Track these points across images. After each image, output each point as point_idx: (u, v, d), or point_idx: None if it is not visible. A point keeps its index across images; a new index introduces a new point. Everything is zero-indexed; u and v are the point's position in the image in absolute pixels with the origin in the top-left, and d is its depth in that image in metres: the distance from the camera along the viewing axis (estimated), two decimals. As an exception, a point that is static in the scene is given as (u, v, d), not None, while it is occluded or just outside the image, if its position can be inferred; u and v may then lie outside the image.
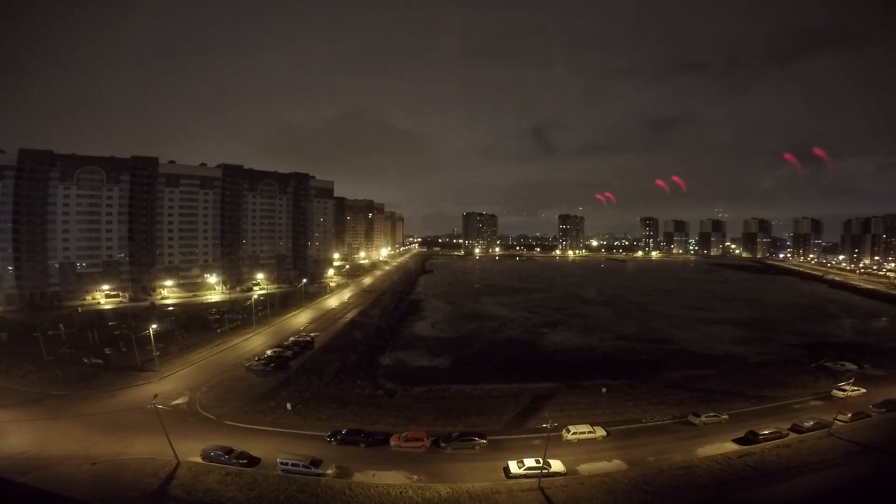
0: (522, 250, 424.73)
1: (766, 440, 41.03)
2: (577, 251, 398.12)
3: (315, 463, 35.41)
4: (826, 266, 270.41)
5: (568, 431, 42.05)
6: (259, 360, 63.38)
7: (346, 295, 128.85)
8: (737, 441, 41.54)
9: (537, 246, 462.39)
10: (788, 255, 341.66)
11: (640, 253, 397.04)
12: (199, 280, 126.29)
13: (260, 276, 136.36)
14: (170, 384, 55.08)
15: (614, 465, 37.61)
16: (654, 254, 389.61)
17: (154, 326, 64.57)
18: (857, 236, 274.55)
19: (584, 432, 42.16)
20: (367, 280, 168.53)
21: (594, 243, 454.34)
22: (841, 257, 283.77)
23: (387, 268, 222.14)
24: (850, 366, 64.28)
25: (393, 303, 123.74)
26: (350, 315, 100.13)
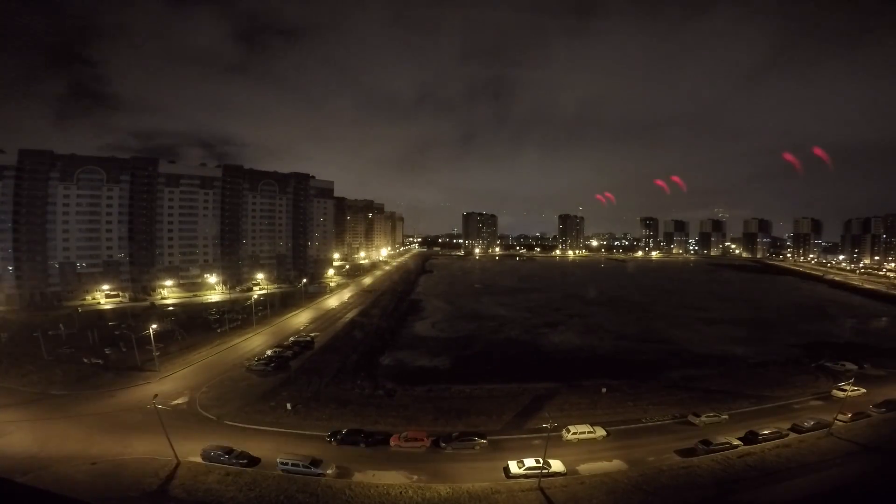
0: (522, 250, 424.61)
1: (766, 440, 41.04)
2: (577, 251, 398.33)
3: (315, 463, 35.43)
4: (826, 266, 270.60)
5: (568, 431, 42.07)
6: (259, 360, 63.38)
7: (346, 295, 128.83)
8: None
9: (537, 246, 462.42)
10: (788, 255, 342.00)
11: (640, 253, 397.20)
12: (199, 280, 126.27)
13: (260, 276, 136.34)
14: (170, 384, 55.08)
15: (614, 465, 37.62)
16: (654, 254, 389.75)
17: (154, 326, 64.50)
18: (857, 236, 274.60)
19: (584, 432, 42.17)
20: (367, 280, 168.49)
21: (594, 243, 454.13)
22: (841, 257, 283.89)
23: (387, 268, 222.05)
24: (850, 366, 64.35)
25: (393, 303, 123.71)
26: (350, 315, 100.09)
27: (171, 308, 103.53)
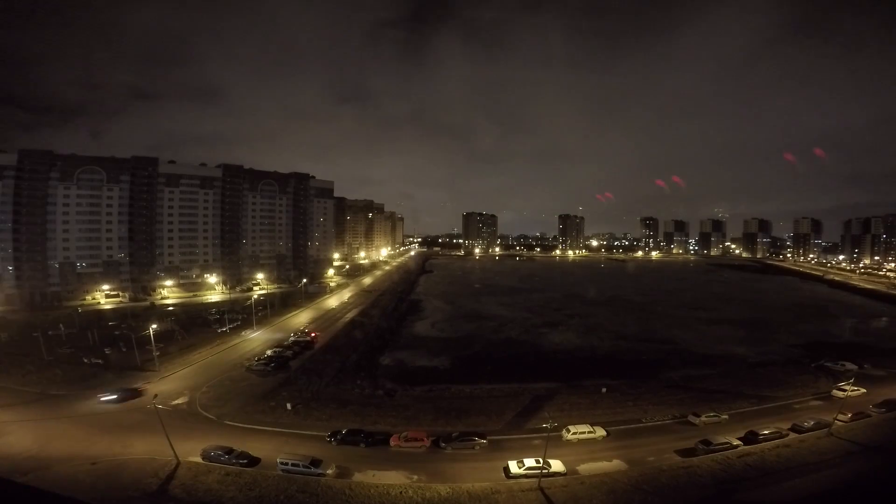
0: (522, 250, 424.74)
1: (766, 440, 41.04)
2: (577, 251, 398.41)
3: (315, 463, 35.42)
4: (826, 266, 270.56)
5: (568, 431, 42.07)
6: (259, 360, 63.37)
7: (346, 295, 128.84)
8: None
9: (537, 246, 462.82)
10: (789, 255, 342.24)
11: (640, 253, 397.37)
12: (199, 280, 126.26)
13: (260, 276, 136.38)
14: (170, 384, 55.06)
15: (614, 465, 37.62)
16: (654, 254, 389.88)
17: (154, 326, 64.55)
18: (857, 236, 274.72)
19: (584, 432, 42.18)
20: (367, 280, 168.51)
21: (594, 243, 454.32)
22: (841, 257, 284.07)
23: (387, 268, 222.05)
24: (850, 366, 64.35)
25: (393, 303, 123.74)
26: (350, 315, 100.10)
27: (171, 308, 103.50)
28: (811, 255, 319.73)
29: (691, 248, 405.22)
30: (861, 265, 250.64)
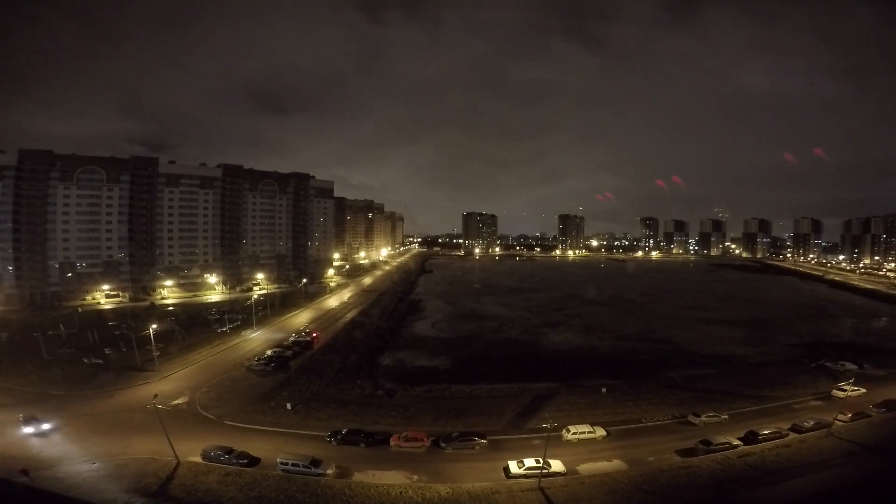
0: (522, 250, 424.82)
1: (766, 440, 41.05)
2: (577, 251, 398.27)
3: (315, 463, 35.44)
4: (826, 266, 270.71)
5: (568, 431, 42.09)
6: (259, 360, 63.40)
7: (346, 295, 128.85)
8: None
9: (537, 246, 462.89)
10: (789, 255, 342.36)
11: (640, 253, 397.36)
12: (199, 280, 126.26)
13: (260, 276, 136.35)
14: (170, 384, 55.08)
15: (614, 465, 37.63)
16: (654, 254, 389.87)
17: (154, 326, 64.52)
18: (857, 236, 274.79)
19: (584, 432, 42.19)
20: (367, 280, 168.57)
21: (594, 243, 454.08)
22: (841, 257, 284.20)
23: (387, 268, 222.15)
24: (850, 366, 64.39)
25: (393, 303, 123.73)
26: (350, 315, 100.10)
27: (171, 308, 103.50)
28: (811, 255, 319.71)
29: (691, 248, 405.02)
30: (861, 265, 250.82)
